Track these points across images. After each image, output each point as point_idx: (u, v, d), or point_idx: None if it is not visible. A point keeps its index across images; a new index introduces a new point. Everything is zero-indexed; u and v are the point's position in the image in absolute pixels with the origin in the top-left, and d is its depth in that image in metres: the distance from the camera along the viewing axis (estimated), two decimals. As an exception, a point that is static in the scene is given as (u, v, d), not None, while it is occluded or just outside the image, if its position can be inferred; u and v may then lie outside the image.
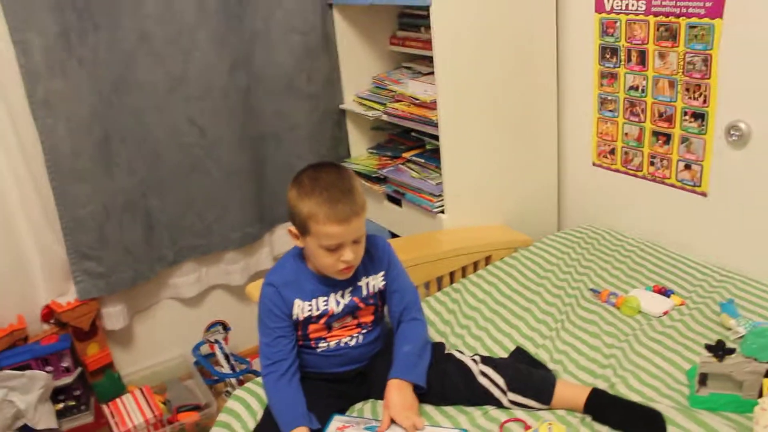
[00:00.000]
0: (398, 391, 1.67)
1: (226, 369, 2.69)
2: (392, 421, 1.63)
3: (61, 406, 2.33)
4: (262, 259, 2.86)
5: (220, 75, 2.50)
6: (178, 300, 2.78)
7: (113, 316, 2.56)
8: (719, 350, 1.65)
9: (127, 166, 2.42)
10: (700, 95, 2.17)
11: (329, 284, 1.72)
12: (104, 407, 2.46)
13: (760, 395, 1.62)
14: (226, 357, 2.71)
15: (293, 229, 1.68)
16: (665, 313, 2.02)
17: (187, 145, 2.53)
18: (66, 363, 2.34)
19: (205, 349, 2.77)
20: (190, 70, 2.45)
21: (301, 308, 1.70)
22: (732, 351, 1.66)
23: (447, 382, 1.71)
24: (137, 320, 2.70)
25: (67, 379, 2.33)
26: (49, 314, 2.46)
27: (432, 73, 2.48)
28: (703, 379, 1.67)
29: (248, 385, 1.91)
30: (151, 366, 2.77)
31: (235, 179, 2.64)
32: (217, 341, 2.74)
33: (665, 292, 2.11)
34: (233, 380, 2.65)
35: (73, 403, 2.36)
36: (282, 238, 2.91)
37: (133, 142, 2.42)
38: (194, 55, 2.43)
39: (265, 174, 2.77)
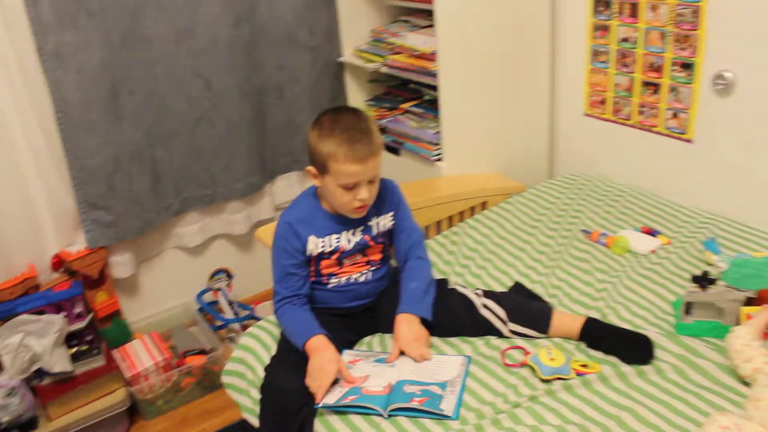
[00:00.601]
0: (407, 324, 1.78)
1: (229, 315, 2.78)
2: (401, 353, 1.74)
3: (74, 350, 2.40)
4: (264, 208, 2.94)
5: (224, 28, 2.56)
6: (183, 249, 2.86)
7: (121, 265, 2.64)
8: (704, 280, 1.78)
9: (135, 118, 2.48)
10: (689, 46, 2.27)
11: (342, 223, 1.82)
12: (114, 352, 2.56)
13: (739, 322, 1.76)
14: (230, 304, 2.80)
15: (312, 169, 1.76)
16: (652, 251, 2.14)
17: (193, 97, 2.60)
18: (78, 309, 2.42)
19: (208, 296, 2.86)
20: (196, 23, 2.50)
21: (315, 244, 1.79)
22: (715, 281, 1.79)
23: (451, 315, 1.82)
24: (143, 269, 2.78)
25: (79, 324, 2.41)
26: (59, 263, 2.54)
27: (430, 26, 2.56)
28: (689, 308, 1.80)
29: (261, 323, 2.01)
30: (156, 314, 2.85)
31: (239, 131, 2.72)
32: (220, 289, 2.83)
33: (652, 233, 2.23)
34: (237, 326, 2.75)
35: (86, 347, 2.43)
36: (283, 189, 2.99)
37: (141, 94, 2.48)
38: (199, 8, 2.49)
39: (267, 126, 2.85)
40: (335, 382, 1.65)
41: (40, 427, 2.32)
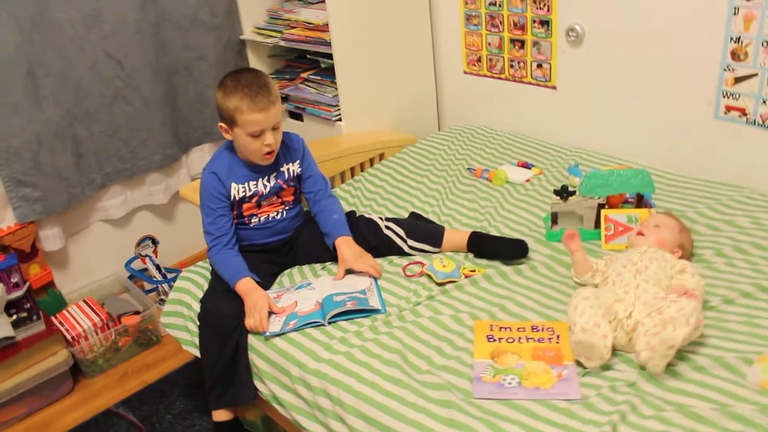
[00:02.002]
0: (347, 246, 2.07)
1: (159, 278, 2.99)
2: (348, 271, 2.04)
3: (14, 318, 2.57)
4: (181, 179, 3.16)
5: (131, 11, 2.76)
6: (109, 222, 3.04)
7: (50, 238, 2.80)
8: (563, 193, 2.15)
9: (54, 99, 2.64)
10: (544, 5, 2.65)
11: (257, 171, 2.09)
12: (52, 319, 2.73)
13: (596, 226, 2.14)
14: (158, 268, 3.01)
15: (223, 125, 2.02)
16: (527, 180, 2.52)
17: (107, 77, 2.78)
18: (15, 279, 2.58)
19: (137, 264, 3.06)
20: (103, 7, 2.69)
21: (236, 190, 2.06)
22: (573, 193, 2.17)
23: (359, 236, 2.13)
24: (73, 242, 2.95)
25: (18, 293, 2.57)
26: (-10, 240, 2.69)
27: (321, 1, 2.83)
28: (555, 218, 2.18)
29: (192, 267, 2.26)
30: (88, 284, 3.03)
31: (153, 107, 2.93)
32: (147, 255, 3.04)
33: (527, 166, 2.61)
34: (167, 287, 2.96)
35: (25, 314, 2.60)
36: (197, 160, 3.22)
37: (57, 76, 2.64)
38: (105, -8, 2.68)
39: (179, 102, 3.07)
40: (270, 314, 1.92)
41: (-12, 390, 2.49)
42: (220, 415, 2.02)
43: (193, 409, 2.49)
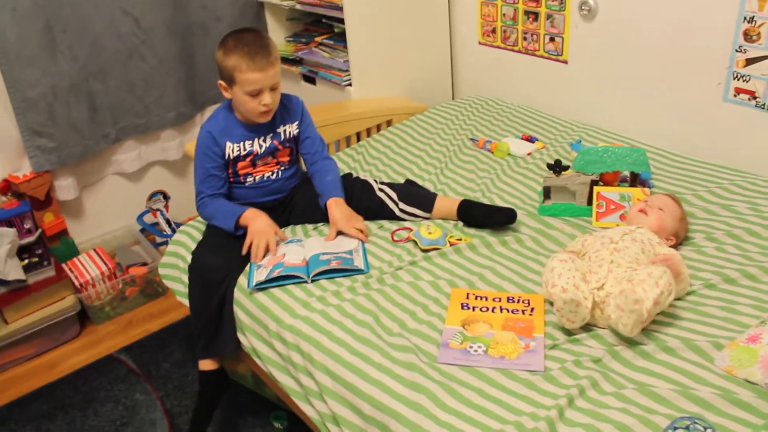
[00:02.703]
0: (338, 208, 2.10)
1: (168, 233, 3.07)
2: (337, 234, 2.08)
3: (25, 262, 2.68)
4: (195, 136, 3.19)
5: (149, -32, 2.81)
6: (122, 175, 3.12)
7: (65, 188, 2.89)
8: (556, 167, 2.14)
9: (70, 53, 2.71)
10: (560, -23, 2.61)
11: (254, 130, 2.12)
12: (63, 265, 2.83)
13: (589, 202, 2.13)
14: (168, 222, 3.09)
15: (222, 82, 2.05)
16: (529, 153, 2.50)
17: (124, 34, 2.84)
18: (28, 225, 2.69)
19: (148, 218, 3.15)
20: (121, -37, 2.75)
21: (231, 149, 2.09)
22: (567, 168, 2.15)
23: (352, 197, 2.16)
24: (86, 193, 3.04)
25: (30, 238, 2.68)
26: (6, 187, 2.78)
27: (338, -35, 2.84)
28: (547, 192, 2.17)
29: (190, 222, 2.32)
30: (101, 235, 3.13)
31: (169, 65, 2.98)
32: (158, 209, 3.12)
33: (531, 139, 2.60)
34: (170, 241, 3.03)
35: (36, 259, 2.71)
36: (212, 119, 3.27)
37: (73, 31, 2.70)
38: (124, -51, 2.73)
39: (195, 61, 3.12)
40: (258, 266, 1.96)
41: (-2, 329, 2.61)
42: (206, 365, 2.08)
43: (189, 359, 2.57)
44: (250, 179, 2.16)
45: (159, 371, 2.54)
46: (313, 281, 1.90)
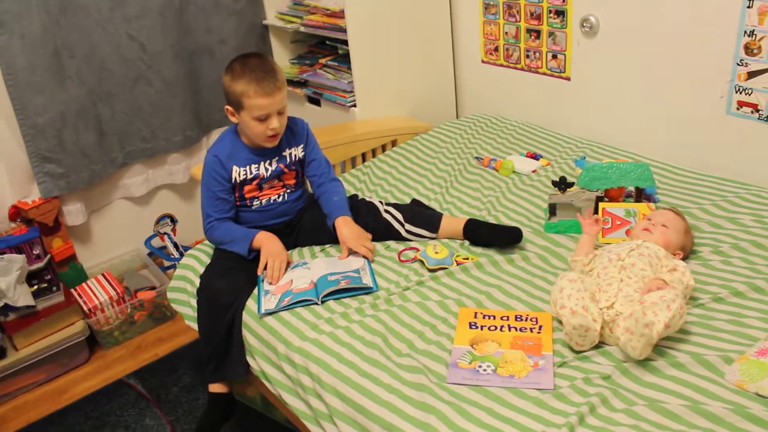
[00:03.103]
0: (347, 226, 2.12)
1: (176, 256, 3.08)
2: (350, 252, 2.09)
3: (35, 288, 2.69)
4: (201, 160, 3.22)
5: (155, -6, 2.84)
6: (130, 199, 3.14)
7: (73, 213, 2.91)
8: (562, 184, 2.15)
9: (78, 79, 2.74)
10: (561, -5, 2.63)
11: (260, 154, 2.13)
12: (72, 291, 2.84)
13: (596, 218, 2.13)
14: (176, 246, 3.10)
15: (229, 108, 2.07)
16: (533, 171, 2.51)
17: (130, 59, 2.87)
18: (37, 251, 2.70)
19: (156, 242, 3.16)
20: (127, -9, 2.78)
21: (237, 173, 2.11)
22: (572, 185, 2.16)
23: (358, 219, 2.16)
24: (94, 218, 3.06)
25: (39, 264, 2.69)
26: (16, 213, 2.80)
27: (341, -13, 2.87)
28: (553, 209, 2.17)
29: (199, 246, 2.33)
30: (109, 259, 3.14)
31: (175, 89, 3.01)
32: (166, 233, 3.13)
33: (535, 156, 2.60)
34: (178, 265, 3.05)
35: (45, 285, 2.72)
36: (218, 143, 3.30)
37: (81, 57, 2.74)
38: (130, -23, 2.76)
39: (201, 84, 3.15)
40: (266, 292, 1.97)
41: (8, 356, 2.62)
42: (216, 388, 2.09)
43: (198, 383, 2.58)
44: (256, 203, 2.18)
45: (168, 396, 2.54)
46: (322, 302, 1.91)
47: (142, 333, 2.91)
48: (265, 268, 2.03)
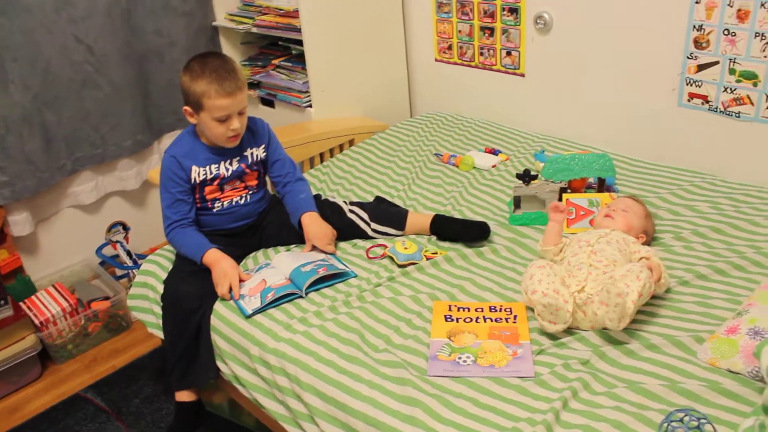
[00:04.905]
0: (314, 222, 2.09)
1: (129, 264, 2.99)
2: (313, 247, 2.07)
3: (-19, 303, 2.58)
4: (153, 165, 3.15)
5: (101, -5, 2.76)
6: (79, 207, 3.03)
7: (19, 223, 2.79)
8: (526, 177, 2.17)
9: (22, 83, 2.62)
10: (513, -7, 2.67)
11: (220, 153, 2.09)
12: (21, 304, 2.72)
13: (560, 210, 2.16)
14: (128, 253, 3.01)
15: (188, 108, 2.01)
16: (493, 166, 2.54)
17: (77, 62, 2.77)
18: (-18, 264, 2.59)
19: (108, 250, 3.06)
20: (73, -9, 2.69)
21: (197, 173, 2.06)
22: (535, 177, 2.19)
23: (324, 219, 2.13)
24: (42, 228, 2.94)
25: (-15, 278, 2.59)
26: (-43, 225, 2.68)
27: (293, -13, 2.84)
28: (518, 202, 2.20)
29: (158, 251, 2.26)
30: (58, 270, 3.02)
31: (124, 93, 2.92)
32: (118, 241, 3.03)
33: (494, 152, 2.63)
34: (137, 273, 2.96)
35: (-8, 299, 2.62)
36: (169, 147, 3.22)
37: (25, 60, 2.62)
38: (75, -24, 2.67)
39: (151, 87, 3.07)
40: (241, 297, 1.92)
41: (-45, 374, 2.49)
42: (183, 396, 2.03)
43: (161, 392, 2.50)
44: (218, 204, 2.12)
45: (130, 408, 2.45)
46: (306, 293, 1.90)
47: (98, 345, 2.81)
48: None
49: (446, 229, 2.10)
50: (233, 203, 2.14)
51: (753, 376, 1.46)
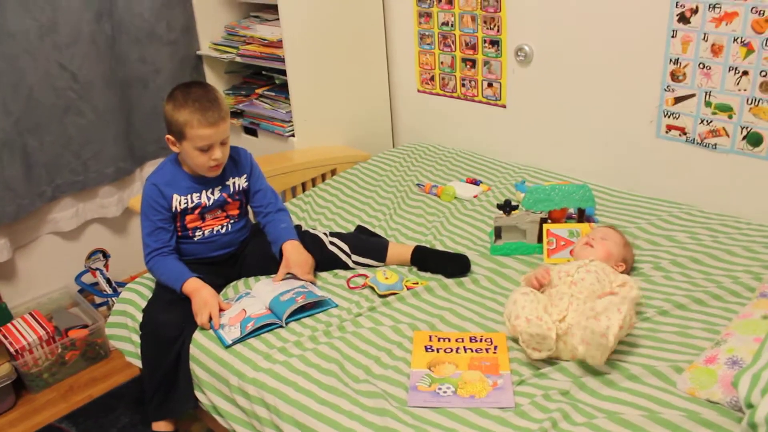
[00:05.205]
0: (296, 250, 2.09)
1: (109, 292, 2.96)
2: (288, 275, 2.07)
3: (-44, 330, 2.54)
4: (135, 192, 3.14)
5: (86, 23, 2.76)
6: (58, 234, 3.01)
7: (-3, 250, 2.77)
8: (506, 207, 2.19)
9: (3, 108, 2.62)
10: (495, 26, 2.71)
11: (201, 182, 2.09)
12: (-4, 333, 2.69)
13: (540, 240, 2.18)
14: (108, 281, 2.98)
15: (171, 137, 2.01)
16: (475, 196, 2.55)
17: (60, 88, 2.77)
18: (-42, 291, 2.55)
19: (87, 278, 3.03)
20: (58, 18, 2.68)
21: (178, 201, 2.05)
22: (516, 207, 2.20)
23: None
24: (20, 255, 2.91)
25: (-40, 306, 2.55)
26: (-66, 252, 2.65)
27: (277, 18, 2.87)
28: (498, 232, 2.21)
29: (138, 279, 2.25)
30: (36, 297, 2.98)
31: (107, 120, 2.92)
32: (98, 269, 3.00)
33: (476, 182, 2.65)
34: (116, 300, 2.93)
35: (-33, 328, 2.57)
36: (152, 175, 3.21)
37: (7, 85, 2.62)
38: (60, 3, 2.67)
39: (134, 115, 3.07)
40: (221, 327, 1.91)
41: (-73, 404, 2.44)
42: (160, 426, 2.00)
43: (138, 422, 2.46)
44: (199, 233, 2.12)
45: (106, 438, 2.42)
46: (287, 323, 1.89)
47: (75, 374, 2.77)
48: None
49: (427, 261, 2.11)
50: (214, 232, 2.14)
51: (732, 405, 1.46)
